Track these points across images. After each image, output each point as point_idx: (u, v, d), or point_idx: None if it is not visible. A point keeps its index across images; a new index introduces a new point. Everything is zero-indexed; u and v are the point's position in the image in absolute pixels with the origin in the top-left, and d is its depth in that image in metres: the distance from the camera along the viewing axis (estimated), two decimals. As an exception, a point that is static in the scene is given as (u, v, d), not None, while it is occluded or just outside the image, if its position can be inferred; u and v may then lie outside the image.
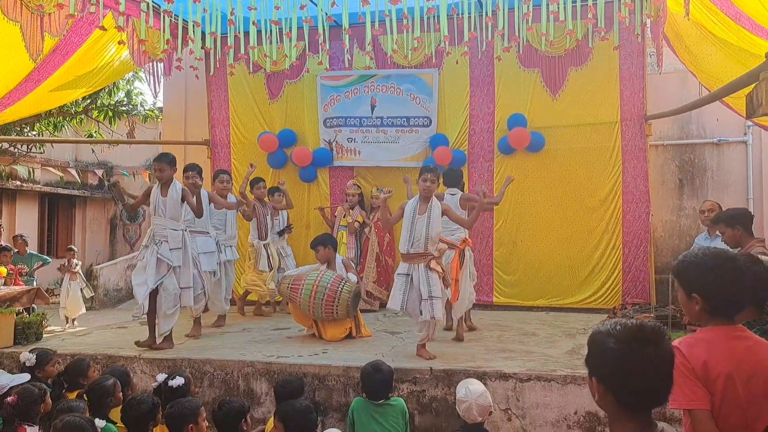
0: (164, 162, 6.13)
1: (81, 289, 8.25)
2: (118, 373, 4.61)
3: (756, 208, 8.13)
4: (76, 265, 8.47)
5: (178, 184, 6.14)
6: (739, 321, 2.29)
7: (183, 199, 6.11)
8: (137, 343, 6.04)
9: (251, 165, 7.87)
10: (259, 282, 8.01)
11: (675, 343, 2.18)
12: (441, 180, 5.98)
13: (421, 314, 5.48)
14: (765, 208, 8.49)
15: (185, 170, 6.57)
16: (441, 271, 5.58)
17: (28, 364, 4.84)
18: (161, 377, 4.42)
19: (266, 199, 8.22)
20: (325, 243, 6.83)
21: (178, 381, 4.31)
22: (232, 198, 7.53)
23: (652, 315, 6.61)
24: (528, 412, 4.80)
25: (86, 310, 8.75)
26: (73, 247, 8.95)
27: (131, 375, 5.04)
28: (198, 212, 6.28)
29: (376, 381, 4.36)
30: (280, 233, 8.47)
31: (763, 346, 2.21)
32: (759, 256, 3.10)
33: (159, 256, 5.97)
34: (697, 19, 5.61)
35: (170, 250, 6.01)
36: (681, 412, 2.25)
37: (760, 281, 2.67)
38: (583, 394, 4.71)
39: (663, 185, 8.97)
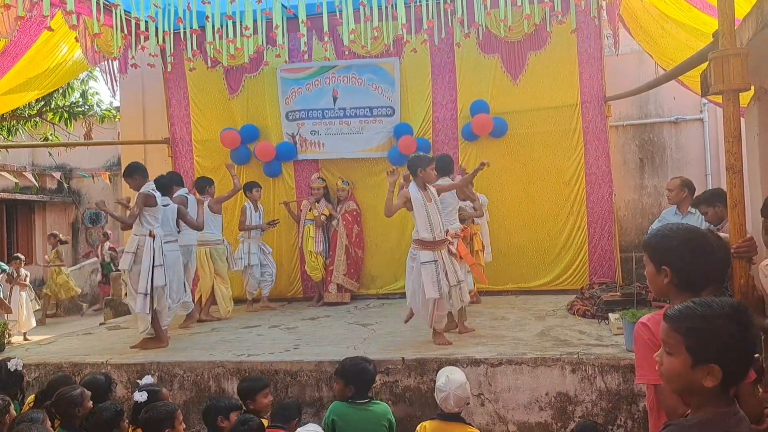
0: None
1: (29, 300, 8.06)
2: (103, 384, 4.45)
3: (714, 184, 8.29)
4: (26, 275, 8.28)
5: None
6: None
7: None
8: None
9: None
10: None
11: (643, 319, 2.22)
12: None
13: (451, 298, 5.55)
14: (723, 184, 8.66)
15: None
16: (457, 254, 5.66)
17: (18, 368, 4.70)
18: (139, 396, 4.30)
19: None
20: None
21: (146, 380, 4.34)
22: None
23: (618, 293, 6.71)
24: (500, 396, 4.85)
25: (48, 316, 8.58)
26: (19, 255, 8.70)
27: (113, 385, 4.85)
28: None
29: (371, 373, 4.22)
30: (269, 226, 8.51)
31: None
32: (719, 234, 3.16)
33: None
34: (651, 1, 5.68)
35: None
36: (645, 387, 2.27)
37: (722, 258, 2.73)
38: (554, 376, 4.78)
39: (624, 165, 9.10)
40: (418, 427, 3.96)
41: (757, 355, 2.40)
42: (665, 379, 1.82)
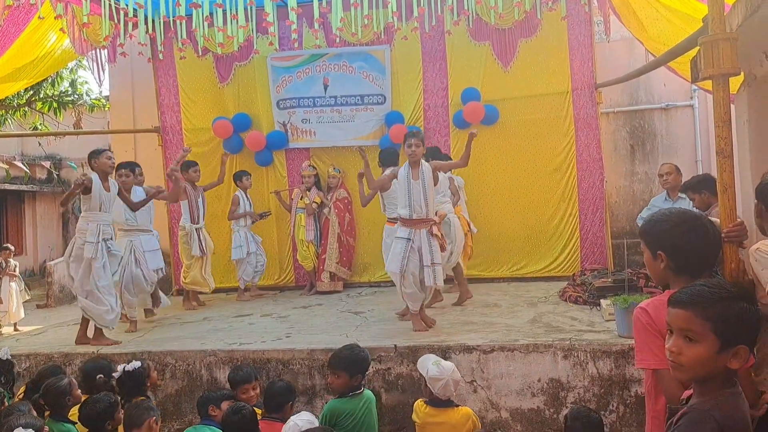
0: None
1: (19, 291, 8.01)
2: (107, 369, 4.50)
3: (704, 170, 8.31)
4: (15, 266, 8.22)
5: (112, 180, 6.16)
6: None
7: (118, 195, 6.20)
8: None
9: (184, 149, 7.74)
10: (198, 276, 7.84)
11: (642, 304, 2.22)
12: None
13: (424, 281, 5.53)
14: (713, 170, 8.69)
15: (118, 168, 6.58)
16: (441, 237, 5.59)
17: (8, 357, 4.67)
18: (121, 368, 4.32)
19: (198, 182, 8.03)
20: None
21: (135, 365, 4.30)
22: (138, 191, 7.03)
23: (610, 279, 6.74)
24: (493, 383, 4.88)
25: (38, 307, 8.52)
26: (8, 245, 8.62)
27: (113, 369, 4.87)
28: (132, 207, 6.54)
29: (369, 359, 4.26)
30: (260, 217, 8.50)
31: None
32: (710, 218, 3.16)
33: (115, 252, 6.09)
34: (641, -14, 5.67)
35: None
36: (642, 372, 2.28)
37: (715, 240, 2.74)
38: (546, 362, 4.81)
39: (615, 152, 9.12)
40: (414, 405, 4.04)
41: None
42: (687, 367, 1.73)
